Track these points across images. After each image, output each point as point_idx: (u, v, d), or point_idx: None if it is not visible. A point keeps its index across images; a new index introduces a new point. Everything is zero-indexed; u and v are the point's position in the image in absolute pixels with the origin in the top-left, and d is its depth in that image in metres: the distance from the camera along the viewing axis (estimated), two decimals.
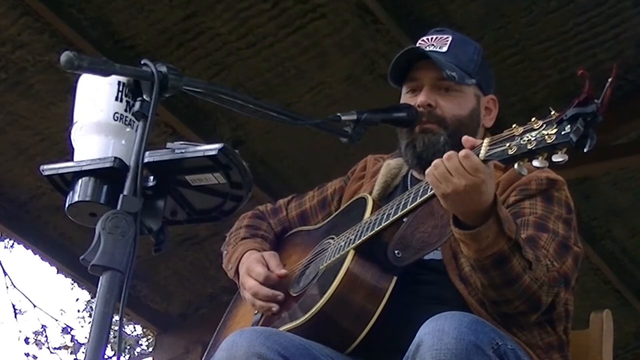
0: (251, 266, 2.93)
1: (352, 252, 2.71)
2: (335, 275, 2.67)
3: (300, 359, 2.54)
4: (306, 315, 2.67)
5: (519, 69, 5.48)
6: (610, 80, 2.28)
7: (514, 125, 2.40)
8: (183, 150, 2.17)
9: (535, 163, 2.34)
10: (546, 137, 2.31)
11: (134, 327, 13.79)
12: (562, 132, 2.29)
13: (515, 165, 2.38)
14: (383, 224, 2.70)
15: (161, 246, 2.17)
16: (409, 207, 2.65)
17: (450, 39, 2.93)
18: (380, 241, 2.73)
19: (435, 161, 2.49)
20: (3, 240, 12.78)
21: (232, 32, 5.30)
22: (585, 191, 6.23)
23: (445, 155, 2.48)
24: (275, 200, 3.29)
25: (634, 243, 6.67)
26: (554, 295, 2.63)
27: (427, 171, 2.52)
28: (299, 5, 5.17)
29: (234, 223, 3.17)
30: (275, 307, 2.84)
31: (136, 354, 14.35)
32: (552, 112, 2.33)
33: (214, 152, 2.14)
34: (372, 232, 2.71)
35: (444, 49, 2.90)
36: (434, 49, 2.90)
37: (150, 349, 13.36)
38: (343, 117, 2.74)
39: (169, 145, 2.19)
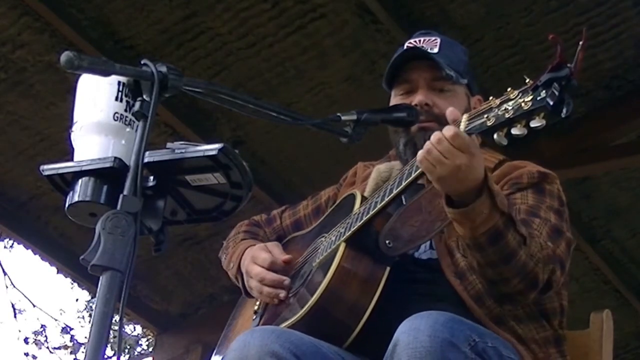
0: (255, 254, 2.94)
1: (343, 245, 2.71)
2: (328, 270, 2.68)
3: (310, 357, 2.54)
4: (302, 310, 2.67)
5: (519, 69, 5.48)
6: (581, 43, 2.29)
7: (490, 98, 2.42)
8: (183, 150, 2.17)
9: (514, 131, 2.35)
10: (522, 104, 2.32)
11: (134, 327, 13.81)
12: (538, 98, 2.30)
13: (495, 136, 2.39)
14: (371, 213, 2.70)
15: (161, 246, 2.17)
16: (395, 192, 2.65)
17: (439, 40, 2.95)
18: (371, 231, 2.72)
19: (426, 146, 2.49)
20: (3, 240, 12.79)
21: (232, 32, 5.30)
22: (585, 191, 6.23)
23: (434, 139, 2.48)
24: (276, 200, 3.30)
25: (634, 243, 6.67)
26: (550, 272, 2.63)
27: (418, 157, 2.51)
28: (299, 5, 5.17)
29: (234, 223, 3.18)
30: (282, 294, 2.84)
31: (136, 354, 14.36)
32: (527, 80, 2.35)
33: (214, 152, 2.14)
34: (361, 222, 2.71)
35: (435, 49, 2.92)
36: (426, 50, 2.92)
37: (150, 349, 13.37)
38: (343, 117, 2.74)
39: (169, 145, 2.19)
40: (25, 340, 14.18)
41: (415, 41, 2.97)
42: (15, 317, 13.94)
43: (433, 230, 2.66)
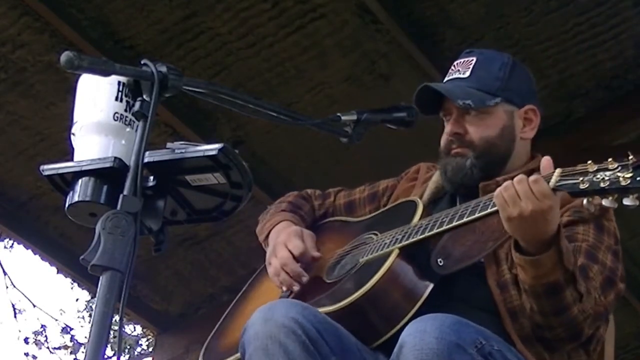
0: (290, 237, 2.96)
1: (396, 251, 2.73)
2: (377, 271, 2.70)
3: (330, 336, 2.57)
4: (339, 304, 2.69)
5: None
6: None
7: (588, 162, 2.44)
8: (183, 150, 2.17)
9: (605, 202, 2.40)
10: (621, 179, 2.35)
11: (134, 327, 13.81)
12: (638, 178, 2.33)
13: (585, 201, 2.43)
14: (435, 230, 2.72)
15: (161, 246, 2.17)
16: (465, 219, 2.67)
17: (474, 61, 2.98)
18: (426, 247, 2.76)
19: (506, 183, 2.53)
20: (3, 240, 12.79)
21: (232, 32, 5.30)
22: None
23: (516, 179, 2.51)
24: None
25: (634, 243, 6.66)
26: (595, 329, 2.69)
27: (496, 192, 2.55)
28: (299, 5, 5.16)
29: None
30: (296, 287, 2.87)
31: (136, 354, 14.36)
32: (630, 157, 2.36)
33: (214, 152, 2.15)
34: (422, 236, 2.73)
35: (467, 73, 2.95)
36: (458, 76, 2.96)
37: (150, 349, 13.37)
38: (343, 117, 2.74)
39: (169, 145, 2.19)
40: (26, 340, 14.19)
41: (455, 64, 3.00)
42: (15, 317, 13.96)
43: (485, 250, 2.70)
